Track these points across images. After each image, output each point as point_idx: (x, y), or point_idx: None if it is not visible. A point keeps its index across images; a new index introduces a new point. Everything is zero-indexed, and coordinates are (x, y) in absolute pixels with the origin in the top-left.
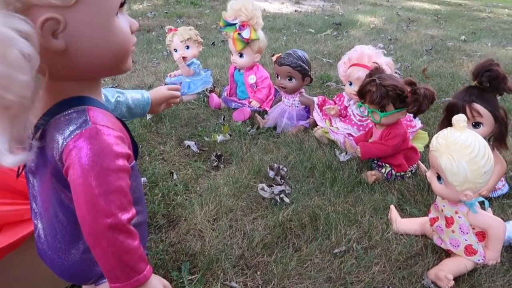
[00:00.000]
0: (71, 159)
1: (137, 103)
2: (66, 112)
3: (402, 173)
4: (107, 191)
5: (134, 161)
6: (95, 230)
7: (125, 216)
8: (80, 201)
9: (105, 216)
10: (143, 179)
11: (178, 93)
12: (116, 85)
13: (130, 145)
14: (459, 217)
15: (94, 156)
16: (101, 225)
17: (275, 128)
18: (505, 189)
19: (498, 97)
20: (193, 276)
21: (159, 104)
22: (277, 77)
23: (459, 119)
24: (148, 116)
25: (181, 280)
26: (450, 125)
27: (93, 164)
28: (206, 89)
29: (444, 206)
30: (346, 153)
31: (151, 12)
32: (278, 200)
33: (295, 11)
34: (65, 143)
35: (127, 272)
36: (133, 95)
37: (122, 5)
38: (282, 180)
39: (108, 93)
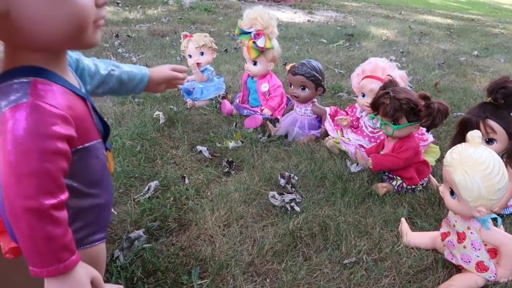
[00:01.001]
0: (1, 130)
1: (132, 77)
2: (10, 82)
3: (413, 186)
4: (30, 172)
5: (93, 141)
6: (13, 210)
7: (48, 201)
8: (2, 176)
9: (24, 198)
10: (155, 182)
11: (182, 74)
12: None
13: (88, 125)
14: (471, 233)
15: (24, 133)
16: (18, 206)
17: (286, 136)
18: None
19: None
20: (203, 281)
21: (158, 84)
22: (290, 86)
23: (474, 135)
24: (161, 120)
25: (191, 285)
26: (464, 140)
27: (20, 141)
28: (219, 96)
29: (456, 221)
30: (357, 164)
31: (165, 18)
32: (289, 209)
33: (308, 20)
34: (0, 113)
35: (44, 259)
36: (129, 70)
37: None
38: (293, 189)
39: (102, 64)
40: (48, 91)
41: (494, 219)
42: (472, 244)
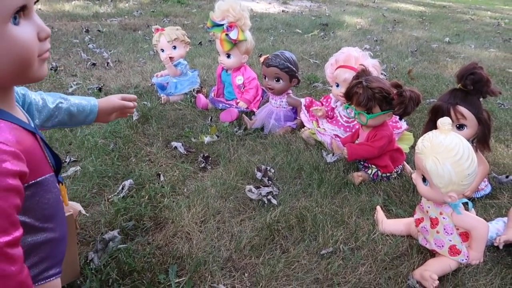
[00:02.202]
0: None
1: (82, 110)
2: None
3: (388, 174)
4: None
5: (45, 175)
6: None
7: (2, 239)
8: None
9: None
10: (129, 181)
11: (131, 103)
12: (102, 85)
13: (39, 159)
14: (443, 218)
15: None
16: None
17: (262, 129)
18: (488, 189)
19: (481, 100)
20: (181, 279)
21: (108, 114)
22: (265, 78)
23: (444, 122)
24: (135, 117)
25: (168, 283)
26: (435, 127)
27: None
28: (193, 90)
29: (429, 207)
30: (333, 154)
31: (137, 11)
32: (266, 202)
33: (282, 11)
34: None
35: None
36: (78, 102)
37: (22, 9)
38: (270, 182)
39: (50, 98)
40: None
41: (465, 204)
42: (444, 229)
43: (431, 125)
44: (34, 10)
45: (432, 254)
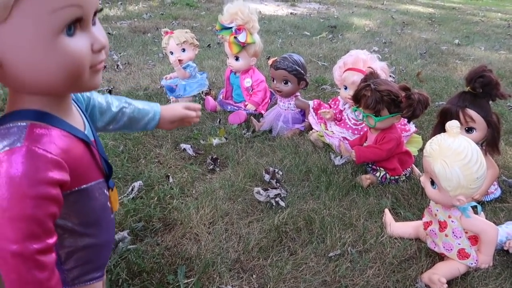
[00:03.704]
0: None
1: (144, 115)
2: (8, 125)
3: (396, 177)
4: (17, 217)
5: (91, 182)
6: (0, 252)
7: (34, 246)
8: None
9: (10, 241)
10: (139, 182)
11: (194, 113)
12: (112, 87)
13: (86, 168)
14: (452, 221)
15: (14, 178)
16: (4, 249)
17: (270, 131)
18: (498, 193)
19: (491, 103)
20: (189, 280)
21: (170, 122)
22: (273, 80)
23: (452, 125)
24: None
25: (177, 284)
26: (444, 130)
27: (10, 186)
28: (202, 92)
29: (437, 210)
30: (341, 157)
31: (146, 14)
32: (274, 204)
33: (291, 13)
34: None
35: None
36: (141, 107)
37: (79, 21)
38: (278, 184)
39: (115, 102)
40: (44, 135)
41: (474, 207)
42: (453, 232)
43: (440, 128)
44: (95, 20)
45: (441, 257)
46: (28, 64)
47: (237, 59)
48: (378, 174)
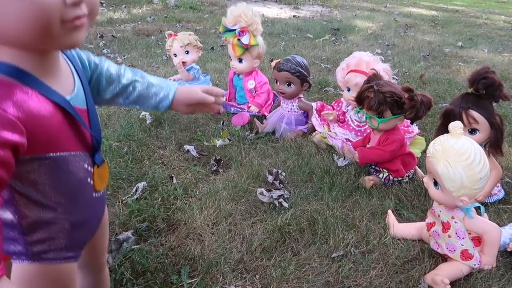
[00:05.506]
0: None
1: (156, 92)
2: None
3: (400, 178)
4: None
5: (62, 152)
6: None
7: None
8: None
9: None
10: (143, 183)
11: (212, 98)
12: None
13: (57, 135)
14: (455, 222)
15: None
16: None
17: (273, 133)
18: (501, 194)
19: (494, 104)
20: (193, 280)
21: (185, 105)
22: (276, 82)
23: (455, 126)
24: (148, 121)
25: (181, 284)
26: (447, 131)
27: None
28: None
29: (440, 211)
30: (344, 158)
31: (150, 17)
32: (277, 205)
33: (294, 16)
34: None
35: None
36: (156, 83)
37: None
38: (281, 185)
39: (128, 74)
40: (6, 91)
41: (478, 208)
42: (456, 233)
43: (443, 129)
44: None
45: (444, 258)
46: None
47: (240, 61)
48: (381, 175)
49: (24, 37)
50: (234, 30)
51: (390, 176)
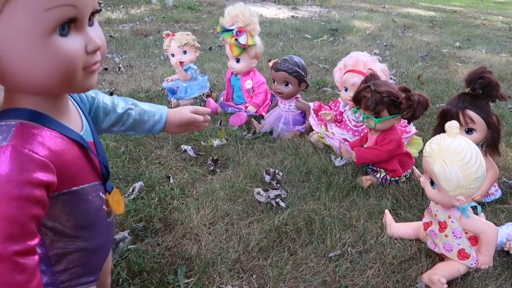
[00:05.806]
0: None
1: (151, 116)
2: None
3: (397, 178)
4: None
5: (83, 185)
6: None
7: (14, 247)
8: None
9: None
10: (140, 183)
11: (201, 117)
12: (114, 89)
13: (78, 170)
14: (452, 221)
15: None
16: None
17: (271, 132)
18: (498, 194)
19: (491, 104)
20: (189, 280)
21: (176, 126)
22: (274, 82)
23: (451, 125)
24: None
25: (177, 284)
26: (444, 131)
27: None
28: (203, 94)
29: (437, 211)
30: (342, 158)
31: (148, 17)
32: (274, 205)
33: (292, 16)
34: None
35: None
36: (148, 109)
37: (73, 21)
38: (278, 185)
39: (121, 103)
40: (32, 135)
41: (474, 207)
42: (453, 233)
43: (440, 129)
44: (93, 21)
45: (441, 258)
46: (20, 62)
47: (238, 61)
48: (378, 175)
49: (49, 85)
50: (232, 30)
51: (387, 176)
